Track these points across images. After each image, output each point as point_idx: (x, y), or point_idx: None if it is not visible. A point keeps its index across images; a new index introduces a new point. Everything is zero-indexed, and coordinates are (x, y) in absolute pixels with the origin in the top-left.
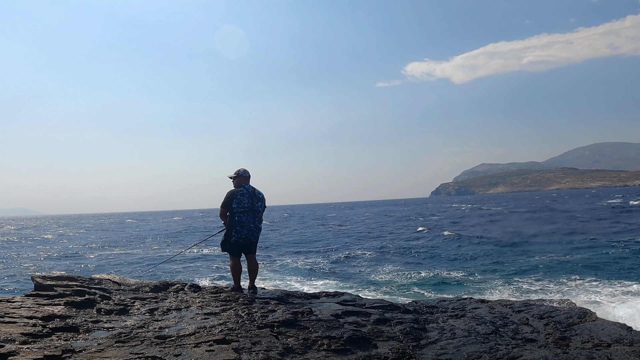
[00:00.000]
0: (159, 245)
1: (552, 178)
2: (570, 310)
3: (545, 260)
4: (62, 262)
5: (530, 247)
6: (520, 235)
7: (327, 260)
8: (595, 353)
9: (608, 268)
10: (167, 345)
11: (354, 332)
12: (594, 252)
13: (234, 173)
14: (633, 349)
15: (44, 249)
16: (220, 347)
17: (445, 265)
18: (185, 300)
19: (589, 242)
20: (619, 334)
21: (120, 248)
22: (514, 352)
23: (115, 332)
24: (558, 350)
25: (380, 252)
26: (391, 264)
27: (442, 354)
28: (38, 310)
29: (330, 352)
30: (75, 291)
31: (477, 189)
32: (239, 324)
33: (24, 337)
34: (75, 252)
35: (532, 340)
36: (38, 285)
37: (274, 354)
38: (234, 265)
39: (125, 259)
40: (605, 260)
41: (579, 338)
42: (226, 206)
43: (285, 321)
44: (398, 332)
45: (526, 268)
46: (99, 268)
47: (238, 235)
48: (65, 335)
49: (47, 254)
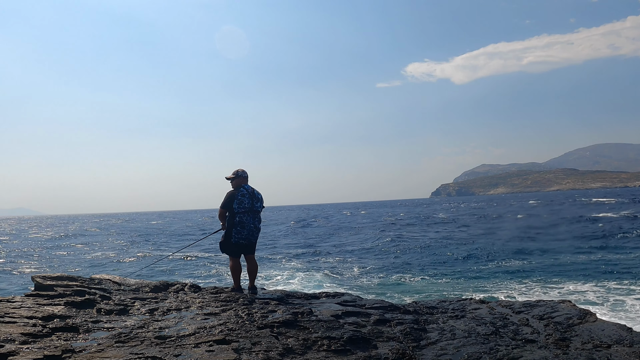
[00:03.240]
0: (159, 244)
1: (553, 179)
2: (570, 311)
3: (545, 261)
4: (62, 262)
5: (529, 247)
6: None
7: (328, 260)
8: (595, 354)
9: (608, 268)
10: (167, 346)
11: (354, 332)
12: (594, 252)
13: (232, 173)
14: (633, 350)
15: (44, 248)
16: (220, 348)
17: (445, 265)
18: (185, 300)
19: (589, 243)
20: (619, 335)
21: (120, 248)
22: (514, 353)
23: (115, 332)
24: (558, 351)
25: (380, 252)
26: (391, 263)
27: (442, 355)
28: (38, 310)
29: (330, 352)
30: (75, 291)
31: (477, 189)
32: (239, 324)
33: (24, 337)
34: (75, 252)
35: (532, 341)
36: (38, 285)
37: (274, 354)
38: (234, 265)
39: (125, 259)
40: (605, 260)
41: (579, 339)
42: (226, 207)
43: (285, 321)
44: (398, 332)
45: (526, 268)
46: (98, 268)
47: (238, 235)
48: (65, 335)
49: (47, 254)
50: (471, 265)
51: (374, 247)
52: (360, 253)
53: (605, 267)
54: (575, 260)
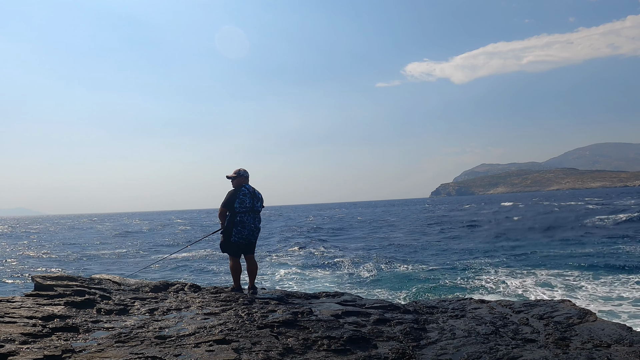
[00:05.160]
0: (159, 244)
1: (552, 178)
2: (570, 311)
3: (545, 261)
4: (61, 262)
5: (529, 247)
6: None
7: (328, 259)
8: (595, 353)
9: (608, 269)
10: (167, 345)
11: (354, 332)
12: (593, 253)
13: (234, 172)
14: (633, 350)
15: (43, 249)
16: (220, 347)
17: (444, 265)
18: (185, 300)
19: (589, 243)
20: (619, 334)
21: (119, 247)
22: (514, 353)
23: (115, 332)
24: (558, 351)
25: (380, 251)
26: (391, 263)
27: (442, 354)
28: (38, 310)
29: (330, 352)
30: (75, 291)
31: (477, 189)
32: (239, 324)
33: (24, 337)
34: (75, 252)
35: (532, 340)
36: (38, 285)
37: (274, 354)
38: (234, 265)
39: (125, 259)
40: (605, 261)
41: (578, 338)
42: (227, 206)
43: (285, 321)
44: (398, 332)
45: (526, 268)
46: (98, 268)
47: (239, 235)
48: (65, 335)
49: (47, 254)
50: (471, 266)
51: (374, 247)
52: (360, 252)
53: (606, 266)
54: (573, 260)
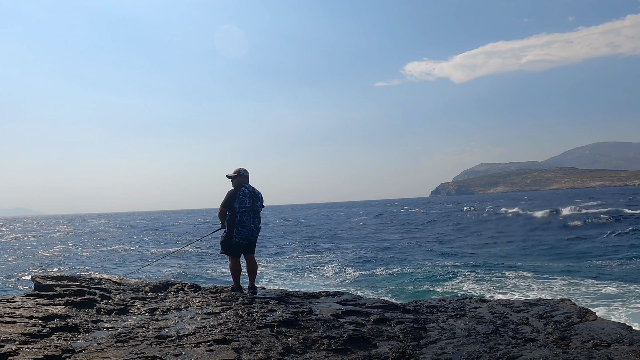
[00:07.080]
0: (159, 244)
1: (552, 178)
2: (570, 310)
3: (545, 261)
4: (61, 262)
5: (530, 247)
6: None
7: (327, 259)
8: (595, 353)
9: (608, 269)
10: (167, 345)
11: (354, 331)
12: (593, 253)
13: (234, 172)
14: (633, 349)
15: (43, 248)
16: (220, 347)
17: (444, 264)
18: (185, 300)
19: (588, 243)
20: (618, 333)
21: (119, 247)
22: (514, 352)
23: (115, 332)
24: (558, 350)
25: (380, 251)
26: (391, 263)
27: (442, 354)
28: (38, 310)
29: (330, 351)
30: (75, 291)
31: (477, 188)
32: (239, 323)
33: (24, 337)
34: (75, 252)
35: (532, 339)
36: (38, 285)
37: (274, 354)
38: (234, 265)
39: (125, 258)
40: (604, 261)
41: (578, 338)
42: (227, 205)
43: (285, 321)
44: (398, 331)
45: (526, 268)
46: (98, 268)
47: (239, 235)
48: (65, 335)
49: (46, 254)
50: (471, 265)
51: (374, 247)
52: (360, 252)
53: (605, 266)
54: (573, 260)
